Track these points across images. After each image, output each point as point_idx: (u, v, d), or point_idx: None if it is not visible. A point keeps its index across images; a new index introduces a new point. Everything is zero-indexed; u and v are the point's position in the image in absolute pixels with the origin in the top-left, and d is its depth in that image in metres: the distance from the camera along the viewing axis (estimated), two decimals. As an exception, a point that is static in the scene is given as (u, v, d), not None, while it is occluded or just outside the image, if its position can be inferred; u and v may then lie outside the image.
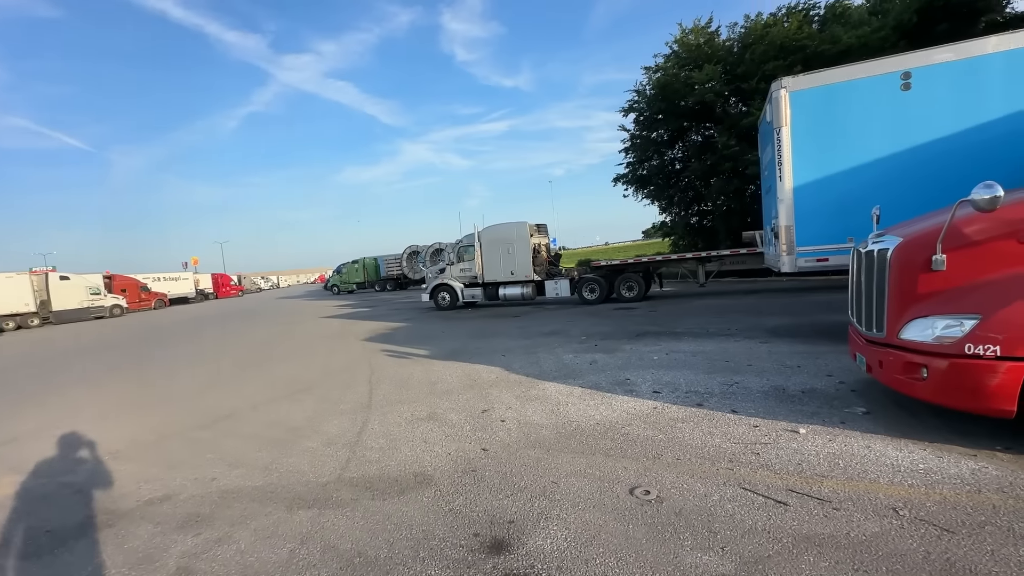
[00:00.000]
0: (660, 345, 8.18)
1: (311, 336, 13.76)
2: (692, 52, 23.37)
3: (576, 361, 7.50)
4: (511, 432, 4.62)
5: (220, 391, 7.57)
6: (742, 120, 20.81)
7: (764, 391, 5.26)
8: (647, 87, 24.74)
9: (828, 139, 6.91)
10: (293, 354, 10.70)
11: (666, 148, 25.70)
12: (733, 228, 23.17)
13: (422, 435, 4.75)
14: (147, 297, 38.41)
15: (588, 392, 5.75)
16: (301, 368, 8.90)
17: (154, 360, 11.87)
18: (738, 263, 15.15)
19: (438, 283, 18.60)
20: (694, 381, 5.84)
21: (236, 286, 56.58)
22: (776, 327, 8.99)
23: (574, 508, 3.13)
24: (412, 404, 5.87)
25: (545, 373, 6.89)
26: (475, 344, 9.86)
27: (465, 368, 7.64)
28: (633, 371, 6.57)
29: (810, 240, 7.05)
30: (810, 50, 20.28)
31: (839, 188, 6.86)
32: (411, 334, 12.42)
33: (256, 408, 6.31)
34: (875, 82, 6.57)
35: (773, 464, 3.52)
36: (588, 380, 6.30)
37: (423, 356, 9.03)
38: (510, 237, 17.24)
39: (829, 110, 6.86)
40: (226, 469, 4.29)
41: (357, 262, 42.45)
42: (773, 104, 7.16)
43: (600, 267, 16.55)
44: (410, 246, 40.32)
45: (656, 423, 4.55)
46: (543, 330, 11.07)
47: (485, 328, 12.29)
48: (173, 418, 6.20)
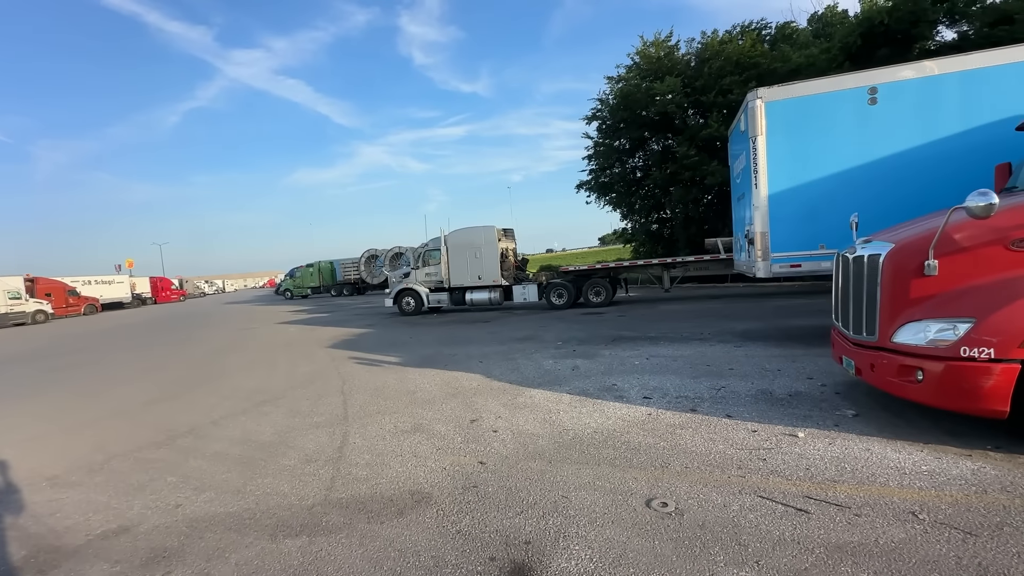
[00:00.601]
0: (639, 350, 8.18)
1: (269, 343, 12.97)
2: (653, 64, 24.04)
3: (557, 367, 7.36)
4: (506, 443, 4.40)
5: (173, 404, 6.91)
6: (701, 131, 21.55)
7: (752, 395, 5.29)
8: (610, 96, 25.24)
9: (801, 149, 7.14)
10: (251, 363, 10.00)
11: (627, 156, 26.28)
12: (692, 235, 23.94)
13: (411, 448, 4.44)
14: (76, 302, 35.36)
15: (577, 399, 5.61)
16: (263, 378, 8.30)
17: (90, 370, 10.80)
18: (701, 269, 15.57)
19: (402, 288, 18.08)
20: (681, 386, 5.82)
21: (177, 290, 53.20)
22: (746, 331, 9.22)
23: (592, 524, 2.96)
24: (393, 415, 5.53)
25: (528, 380, 6.71)
26: (448, 350, 9.55)
27: (443, 376, 7.34)
28: (618, 376, 6.49)
29: (784, 246, 7.25)
30: (763, 67, 21.28)
31: (811, 196, 7.10)
32: (378, 340, 11.93)
33: (217, 423, 5.77)
34: (845, 95, 6.85)
35: (782, 470, 3.48)
36: (574, 386, 6.16)
37: (395, 363, 8.64)
38: (478, 241, 17.00)
39: (802, 121, 7.10)
40: (192, 494, 3.83)
41: (312, 266, 40.88)
42: (749, 114, 7.34)
43: (568, 272, 16.59)
44: (368, 250, 39.22)
45: (654, 430, 4.45)
46: (516, 335, 10.89)
47: (456, 334, 11.98)
48: (121, 435, 5.56)
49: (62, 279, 36.08)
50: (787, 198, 7.19)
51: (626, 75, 24.90)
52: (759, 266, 7.41)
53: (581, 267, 16.48)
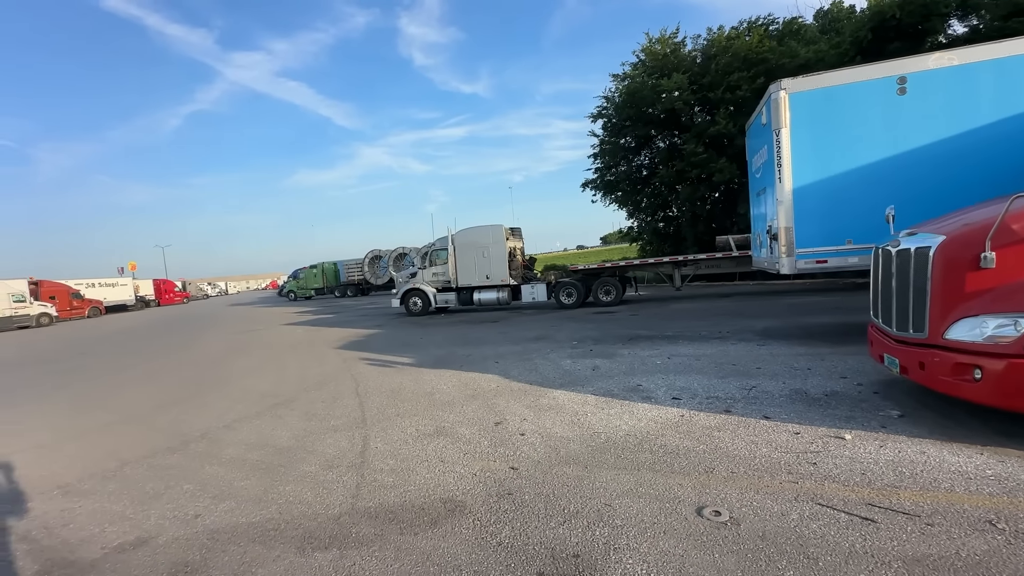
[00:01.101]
0: (658, 349, 7.98)
1: (277, 345, 12.80)
2: (659, 61, 23.82)
3: (577, 367, 7.17)
4: (536, 447, 4.21)
5: (184, 408, 6.73)
6: (709, 129, 21.33)
7: (786, 395, 5.10)
8: (616, 94, 25.02)
9: (826, 141, 6.94)
10: (261, 365, 9.83)
11: (633, 154, 26.06)
12: (699, 233, 23.73)
13: (436, 453, 4.26)
14: (80, 305, 35.27)
15: (603, 400, 5.42)
16: (274, 380, 8.12)
17: (98, 374, 10.64)
18: (713, 267, 15.35)
19: (409, 288, 17.90)
20: (710, 386, 5.62)
21: (181, 292, 53.11)
22: (765, 329, 9.02)
23: (643, 535, 2.77)
24: (413, 418, 5.34)
25: (548, 380, 6.52)
26: (462, 351, 9.36)
27: (460, 377, 7.16)
28: (641, 376, 6.30)
29: (809, 242, 7.05)
30: (772, 63, 21.05)
31: (837, 190, 6.89)
32: (388, 341, 11.75)
33: (231, 427, 5.59)
34: (872, 85, 6.65)
35: (836, 475, 3.29)
36: (598, 387, 5.97)
37: (409, 364, 8.45)
38: (485, 241, 16.81)
39: (828, 112, 6.89)
40: (211, 502, 3.65)
41: (316, 267, 40.74)
42: (772, 105, 7.14)
43: (577, 271, 16.40)
44: (372, 250, 39.08)
45: (690, 432, 4.26)
46: (528, 335, 10.70)
47: (467, 334, 11.79)
48: (133, 441, 5.39)
49: (66, 282, 36.01)
50: (812, 192, 6.98)
51: (632, 72, 24.68)
52: (783, 262, 7.20)
53: (591, 266, 16.28)
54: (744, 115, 21.31)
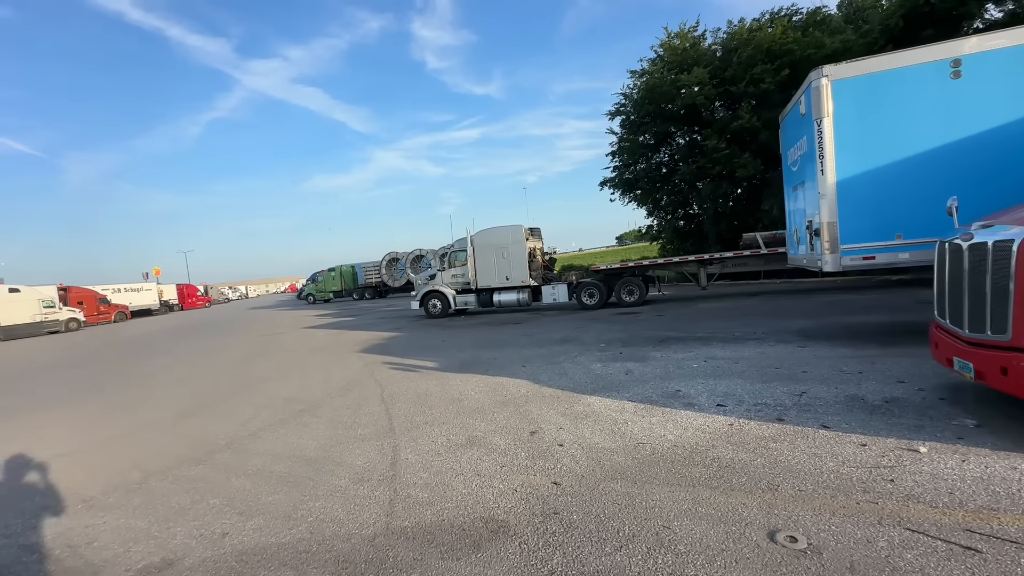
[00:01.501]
0: (692, 351, 7.65)
1: (298, 348, 12.74)
2: (678, 56, 23.35)
3: (608, 371, 6.88)
4: (577, 460, 3.94)
5: (208, 415, 6.62)
6: (732, 123, 20.81)
7: (841, 402, 4.75)
8: (634, 90, 24.60)
9: (873, 130, 6.54)
10: (283, 369, 9.73)
11: (653, 151, 25.59)
12: (722, 231, 23.18)
13: (471, 466, 4.02)
14: (106, 310, 36.02)
15: (642, 407, 5.13)
16: (297, 385, 7.99)
17: (123, 379, 10.67)
18: (740, 265, 14.87)
19: (428, 290, 17.75)
20: (756, 392, 5.29)
21: (203, 296, 54.01)
22: (802, 330, 8.61)
23: (711, 564, 2.49)
24: (442, 426, 5.12)
25: (580, 385, 6.25)
26: (487, 354, 9.14)
27: (487, 381, 6.93)
28: (679, 381, 5.99)
29: (855, 237, 6.65)
30: (796, 54, 20.46)
31: (885, 182, 6.49)
32: (409, 344, 11.58)
33: (256, 435, 5.43)
34: (922, 70, 6.24)
35: (919, 494, 2.96)
36: (634, 393, 5.68)
37: (433, 369, 8.25)
38: (505, 241, 16.59)
39: (874, 99, 6.50)
40: (239, 519, 3.46)
41: (334, 270, 40.99)
42: (812, 94, 6.76)
43: (599, 271, 16.07)
44: (389, 253, 39.20)
45: (743, 443, 3.96)
46: (553, 337, 10.43)
47: (489, 337, 11.57)
48: (157, 450, 5.26)
49: (93, 288, 36.82)
50: (858, 185, 6.59)
51: (650, 68, 24.24)
52: (827, 259, 6.81)
53: (613, 265, 15.93)
54: (768, 109, 20.76)
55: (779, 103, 21.28)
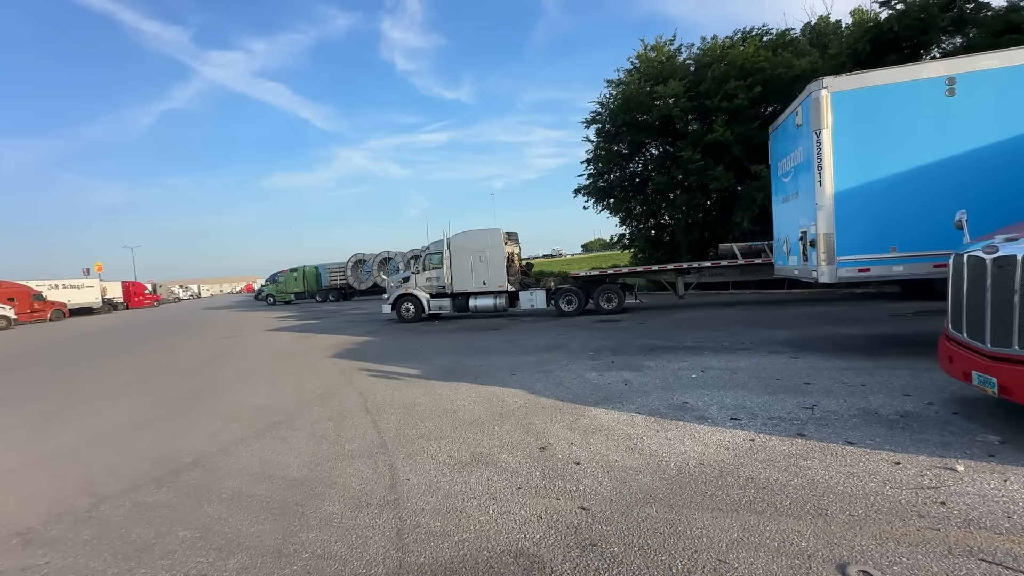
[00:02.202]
0: (686, 361, 7.50)
1: (263, 352, 11.91)
2: (654, 68, 23.72)
3: (605, 381, 6.62)
4: (600, 480, 3.62)
5: (168, 427, 5.92)
6: (706, 136, 21.22)
7: (855, 415, 4.63)
8: (611, 100, 24.81)
9: (870, 143, 6.60)
10: (249, 376, 8.99)
11: (627, 161, 25.85)
12: (693, 241, 23.59)
13: (483, 487, 3.63)
14: (42, 307, 33.23)
15: (653, 420, 4.87)
16: (268, 394, 7.34)
17: (64, 385, 9.62)
18: (717, 275, 15.06)
19: (401, 293, 17.13)
20: (765, 405, 5.13)
21: (151, 295, 50.89)
22: (789, 340, 8.64)
23: (787, 607, 2.20)
24: (440, 441, 4.70)
25: (580, 396, 5.95)
26: (471, 361, 8.72)
27: (479, 391, 6.53)
28: (683, 392, 5.78)
29: (851, 249, 6.68)
30: (767, 73, 21.13)
31: (882, 194, 6.55)
32: (386, 350, 11.01)
33: (228, 451, 4.84)
34: (919, 86, 6.34)
35: (977, 519, 2.79)
36: (640, 405, 5.42)
37: (416, 376, 7.77)
38: (483, 244, 16.21)
39: (871, 113, 6.56)
40: (217, 557, 2.94)
41: (296, 270, 39.42)
42: (811, 105, 6.77)
43: (578, 278, 15.92)
44: (356, 254, 38.10)
45: (771, 461, 3.74)
46: (538, 345, 10.13)
47: (471, 343, 11.14)
48: (110, 469, 4.59)
49: (27, 283, 33.93)
50: (855, 196, 6.62)
51: (627, 79, 24.52)
52: (822, 271, 6.81)
53: (592, 272, 15.84)
54: (740, 124, 21.34)
55: (751, 118, 22.00)
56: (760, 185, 19.87)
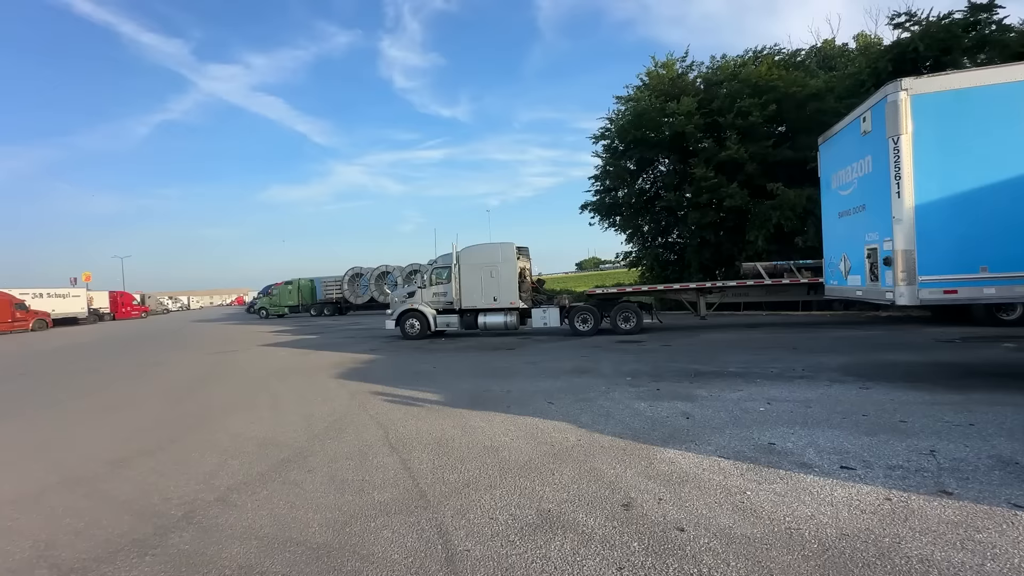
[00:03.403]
0: (741, 390, 6.71)
1: (260, 371, 10.96)
2: (664, 85, 23.44)
3: (660, 413, 5.80)
4: (725, 559, 2.78)
5: (155, 463, 5.00)
6: (720, 153, 20.79)
7: (993, 466, 3.85)
8: (621, 116, 24.45)
9: (956, 151, 5.96)
10: (247, 398, 8.06)
11: (635, 178, 25.41)
12: (705, 260, 23.01)
13: (570, 566, 2.78)
14: (24, 316, 31.87)
15: (745, 467, 4.05)
16: (270, 421, 6.43)
17: (38, 404, 8.61)
18: (741, 295, 14.40)
19: (406, 308, 16.26)
20: (872, 449, 4.33)
21: (139, 306, 49.46)
22: (845, 367, 7.89)
23: None
24: (492, 491, 3.84)
25: (639, 432, 5.12)
26: (496, 385, 7.86)
27: (516, 423, 5.68)
28: (761, 430, 4.98)
29: (935, 268, 5.98)
30: (781, 91, 20.85)
31: (970, 209, 5.89)
32: (395, 369, 10.12)
33: (227, 500, 3.94)
34: (1015, 89, 5.71)
35: None
36: (717, 445, 4.61)
37: (439, 403, 6.91)
38: (494, 259, 15.45)
39: (958, 118, 5.94)
40: None
41: (291, 283, 38.41)
42: (888, 109, 6.14)
43: (594, 295, 15.18)
44: (353, 268, 37.24)
45: (934, 531, 2.92)
46: (564, 367, 9.29)
47: (487, 364, 10.27)
48: (78, 525, 3.67)
49: (9, 291, 32.59)
50: (938, 210, 5.96)
51: (637, 95, 24.21)
52: (900, 292, 6.09)
53: (609, 289, 15.12)
54: (754, 142, 20.95)
55: (765, 137, 21.65)
56: (776, 204, 19.41)
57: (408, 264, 35.55)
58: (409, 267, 35.20)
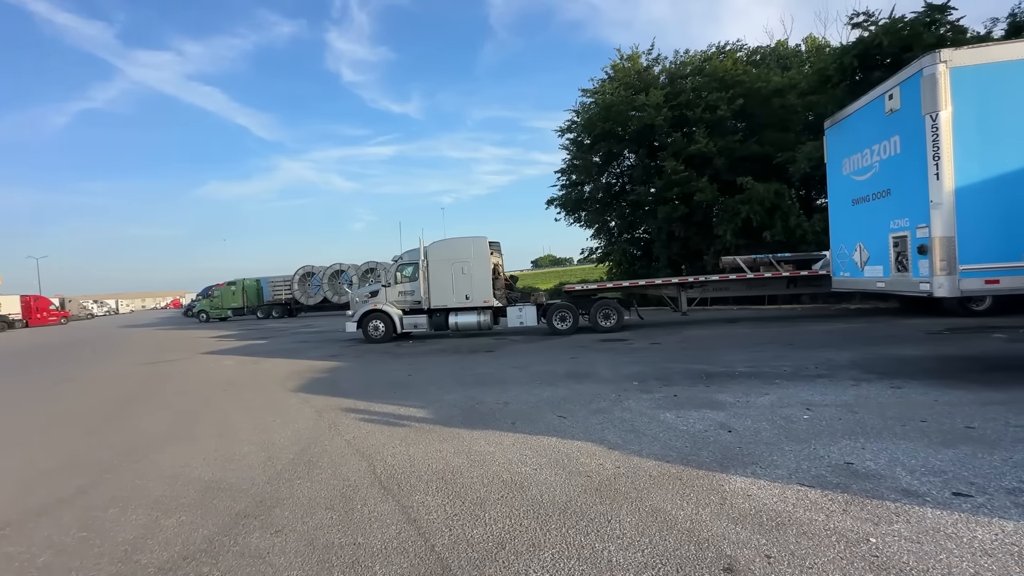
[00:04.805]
0: (769, 394, 6.05)
1: (202, 385, 9.41)
2: (631, 79, 23.07)
3: (695, 426, 5.01)
4: (912, 659, 1.94)
5: (48, 530, 3.66)
6: (687, 148, 20.59)
7: (1119, 484, 3.27)
8: (588, 109, 23.89)
9: (997, 129, 5.53)
10: (187, 424, 6.65)
11: (603, 172, 24.98)
12: (673, 255, 22.83)
13: None
14: (-90, 326, 27.62)
15: (839, 499, 3.28)
16: (218, 453, 5.13)
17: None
18: (722, 289, 14.05)
19: (369, 309, 14.90)
20: (964, 464, 3.69)
21: (58, 311, 44.61)
22: (857, 363, 7.46)
23: None
24: (538, 556, 2.86)
25: (684, 453, 4.29)
26: (489, 396, 6.86)
27: (530, 445, 4.71)
28: (821, 444, 4.27)
29: (976, 257, 5.52)
30: (747, 85, 20.91)
31: (1012, 192, 5.44)
32: (365, 379, 8.89)
33: (160, 590, 2.75)
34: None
35: None
36: (788, 468, 3.83)
37: (427, 420, 5.83)
38: (466, 255, 14.38)
39: (1000, 93, 5.50)
40: None
41: (234, 284, 35.57)
42: (925, 83, 5.63)
43: (573, 292, 14.41)
44: (304, 267, 34.91)
45: None
46: (556, 371, 8.41)
47: (469, 369, 9.23)
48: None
49: None
50: (979, 193, 5.51)
51: (603, 88, 23.73)
52: (939, 282, 5.60)
53: (589, 286, 14.40)
54: (721, 136, 20.90)
55: (732, 131, 21.72)
56: (744, 198, 19.36)
57: (364, 262, 33.73)
58: (365, 265, 33.41)
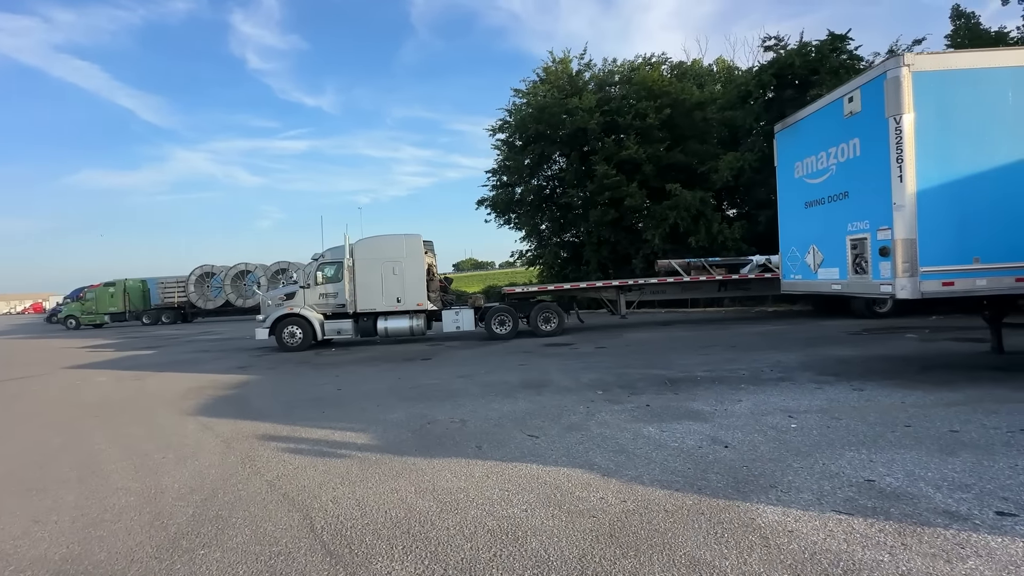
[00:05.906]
0: (741, 401, 5.76)
1: (64, 409, 7.45)
2: (563, 82, 23.09)
3: (688, 443, 4.50)
4: None
5: None
6: (618, 153, 20.88)
7: None
8: (521, 109, 23.52)
9: (954, 135, 5.67)
10: (38, 465, 5.01)
11: (534, 174, 24.73)
12: (603, 258, 23.06)
13: None
14: None
15: (885, 527, 2.85)
16: (80, 511, 3.73)
17: None
18: (658, 292, 14.15)
19: (284, 313, 13.19)
20: (983, 476, 3.47)
21: None
22: (807, 365, 7.56)
23: None
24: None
25: (692, 479, 3.72)
26: (440, 412, 5.94)
27: (509, 476, 3.91)
28: (827, 458, 3.92)
29: (935, 259, 5.60)
30: (673, 96, 21.68)
31: (966, 196, 5.63)
32: (283, 395, 7.52)
33: None
34: (1018, 74, 5.54)
35: None
36: (812, 492, 3.38)
37: (369, 448, 4.81)
38: (397, 253, 13.20)
39: (957, 100, 5.65)
40: None
41: (113, 285, 30.85)
42: (888, 86, 5.65)
43: (512, 295, 13.77)
44: (202, 266, 31.08)
45: None
46: (509, 381, 7.67)
47: (409, 380, 8.18)
48: None
49: None
50: (939, 197, 5.60)
51: (535, 89, 23.53)
52: (902, 284, 5.62)
53: (529, 288, 13.84)
54: (650, 144, 21.46)
55: (659, 140, 22.34)
56: (672, 204, 19.94)
57: (274, 262, 30.77)
58: (275, 265, 30.49)
